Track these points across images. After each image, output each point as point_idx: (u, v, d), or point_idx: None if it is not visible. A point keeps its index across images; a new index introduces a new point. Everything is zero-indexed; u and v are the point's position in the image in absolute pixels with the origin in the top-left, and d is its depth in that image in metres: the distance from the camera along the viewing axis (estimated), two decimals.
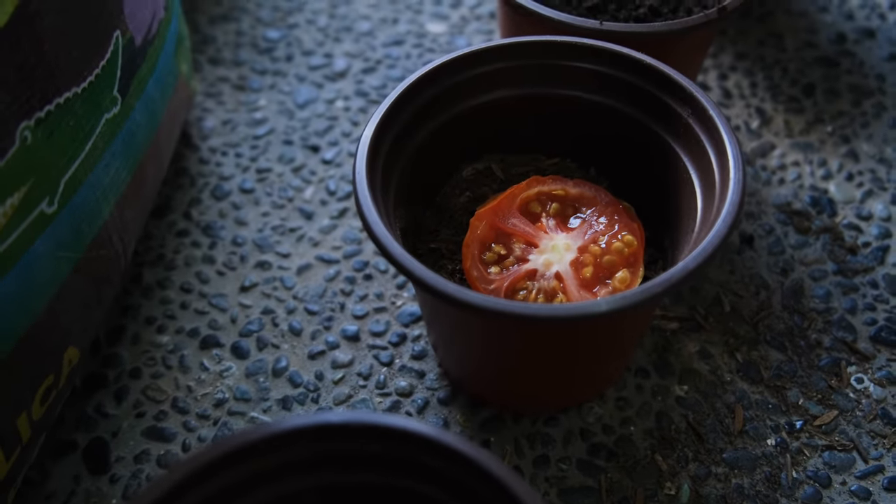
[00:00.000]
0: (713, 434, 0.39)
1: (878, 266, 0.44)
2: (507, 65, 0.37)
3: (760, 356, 0.41)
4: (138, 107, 0.39)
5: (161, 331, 0.43)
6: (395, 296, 0.44)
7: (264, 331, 0.42)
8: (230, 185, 0.48)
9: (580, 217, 0.37)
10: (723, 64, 0.54)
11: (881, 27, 0.55)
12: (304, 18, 0.57)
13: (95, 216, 0.36)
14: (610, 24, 0.39)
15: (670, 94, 0.36)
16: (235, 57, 0.55)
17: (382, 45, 0.55)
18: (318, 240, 0.46)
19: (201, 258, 0.45)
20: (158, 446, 0.39)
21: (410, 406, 0.40)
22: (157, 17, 0.41)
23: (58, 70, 0.31)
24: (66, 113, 0.32)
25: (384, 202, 0.34)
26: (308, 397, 0.40)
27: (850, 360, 0.41)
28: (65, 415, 0.39)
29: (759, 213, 0.46)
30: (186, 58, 0.47)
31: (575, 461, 0.38)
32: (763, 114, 0.51)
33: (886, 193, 0.47)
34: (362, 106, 0.52)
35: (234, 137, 0.51)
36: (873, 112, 0.51)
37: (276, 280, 0.44)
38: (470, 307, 0.29)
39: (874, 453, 0.38)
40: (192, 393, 0.40)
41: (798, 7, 0.57)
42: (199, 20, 0.57)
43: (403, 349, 0.42)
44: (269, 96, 0.53)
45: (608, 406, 0.39)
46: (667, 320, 0.42)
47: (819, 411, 0.39)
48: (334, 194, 0.48)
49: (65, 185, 0.33)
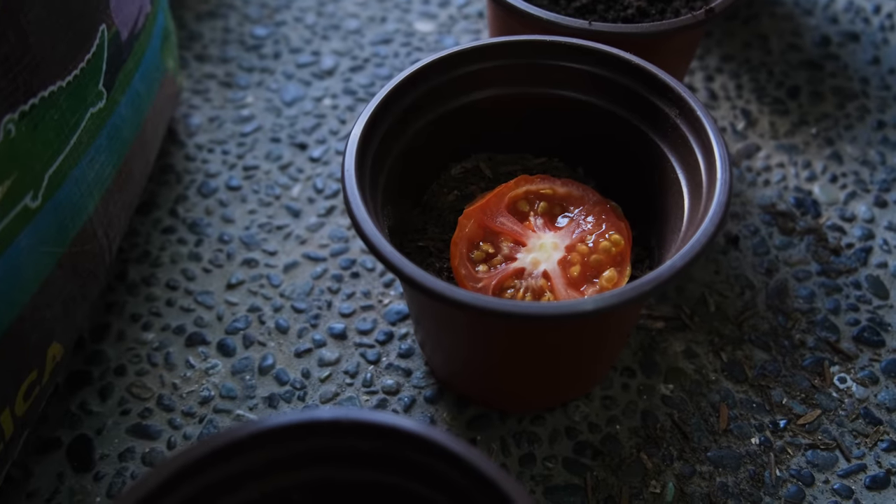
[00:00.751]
0: (698, 433, 0.39)
1: (861, 267, 0.45)
2: (495, 64, 0.37)
3: (745, 356, 0.41)
4: (124, 101, 0.39)
5: (146, 328, 0.42)
6: (382, 294, 0.43)
7: (251, 328, 0.42)
8: (217, 183, 0.48)
9: (568, 216, 0.38)
10: (709, 66, 0.54)
11: (865, 31, 0.56)
12: (291, 16, 0.57)
13: (80, 211, 0.35)
14: (598, 25, 0.39)
15: (658, 95, 0.36)
16: (223, 54, 0.55)
17: (370, 44, 0.55)
18: (305, 237, 0.46)
19: (187, 255, 0.45)
20: (143, 444, 0.38)
21: (397, 404, 0.40)
22: (144, 12, 0.41)
23: (42, 63, 0.31)
24: (51, 106, 0.32)
25: (373, 200, 0.34)
26: (294, 395, 0.40)
27: (833, 360, 0.41)
28: (49, 412, 0.39)
29: (744, 213, 0.47)
30: (173, 53, 0.47)
31: (561, 459, 0.38)
32: (748, 115, 0.51)
33: (869, 195, 0.48)
34: (350, 104, 0.52)
35: (221, 134, 0.50)
36: (857, 115, 0.51)
37: (263, 278, 0.44)
38: (457, 304, 0.29)
39: (856, 452, 0.38)
40: (177, 390, 0.40)
41: (783, 10, 0.57)
42: (186, 17, 0.56)
43: (390, 347, 0.42)
44: (257, 93, 0.52)
45: (594, 404, 0.40)
46: (652, 319, 0.42)
47: (802, 410, 0.40)
48: (321, 192, 0.48)
49: (49, 179, 0.33)
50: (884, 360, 0.41)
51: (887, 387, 0.40)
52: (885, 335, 0.42)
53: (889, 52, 0.55)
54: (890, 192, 0.48)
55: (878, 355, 0.41)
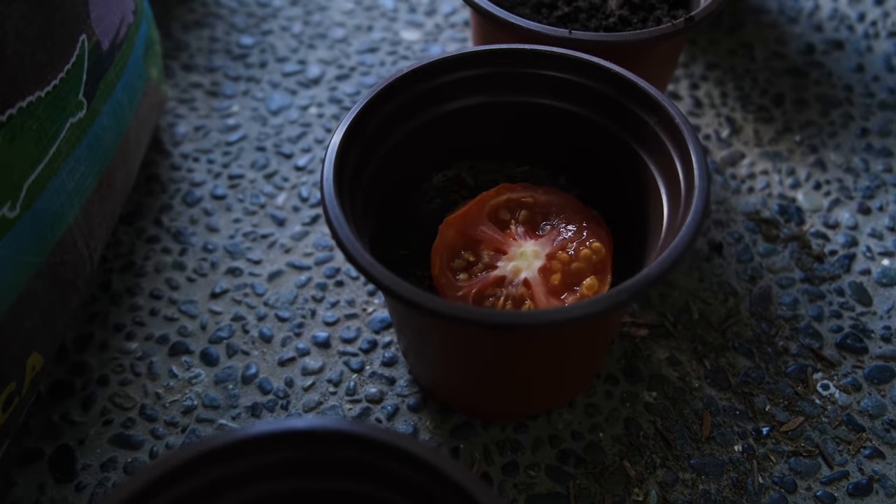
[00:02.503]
0: (681, 440, 0.39)
1: (844, 274, 0.45)
2: (476, 72, 0.37)
3: (728, 363, 0.41)
4: (105, 111, 0.39)
5: (130, 338, 0.42)
6: (366, 302, 0.43)
7: (234, 337, 0.42)
8: (202, 192, 0.48)
9: (549, 224, 0.38)
10: (694, 73, 0.54)
11: (849, 38, 0.56)
12: (278, 25, 0.57)
13: (59, 221, 0.35)
14: (579, 34, 0.39)
15: (636, 102, 0.36)
16: (209, 63, 0.55)
17: (357, 52, 0.55)
18: (289, 246, 0.46)
19: (171, 264, 0.45)
20: (125, 454, 0.38)
21: (380, 413, 0.40)
22: (126, 22, 0.41)
23: (20, 74, 0.31)
24: (29, 117, 0.32)
25: (353, 209, 0.34)
26: (278, 404, 0.40)
27: (816, 367, 0.41)
28: (30, 422, 0.39)
29: (729, 220, 0.47)
30: (157, 63, 0.47)
31: (544, 467, 0.38)
32: (733, 123, 0.52)
33: (853, 202, 0.48)
34: (336, 113, 0.52)
35: (207, 143, 0.50)
36: (841, 122, 0.52)
37: (247, 286, 0.44)
38: (434, 314, 0.29)
39: (839, 459, 0.38)
40: (160, 400, 0.40)
41: (768, 18, 0.58)
42: (172, 26, 0.57)
43: (374, 356, 0.42)
44: (243, 102, 0.53)
45: (577, 412, 0.40)
46: (636, 327, 0.42)
47: (785, 417, 0.40)
48: (307, 201, 0.48)
49: (27, 189, 0.33)
50: (867, 366, 0.41)
51: (870, 394, 0.40)
52: (868, 342, 0.42)
53: (873, 60, 0.55)
54: (873, 199, 0.48)
55: (860, 362, 0.41)
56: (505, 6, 0.43)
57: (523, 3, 0.45)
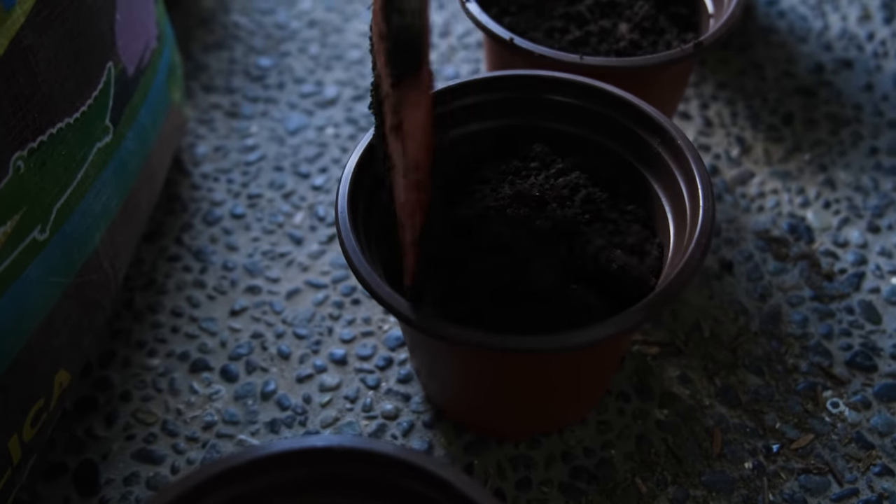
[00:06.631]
0: (692, 457, 0.39)
1: (853, 292, 0.45)
2: (487, 98, 0.38)
3: (738, 381, 0.42)
4: (130, 135, 0.40)
5: (152, 354, 0.43)
6: (382, 320, 0.44)
7: (253, 354, 0.43)
8: (221, 211, 0.49)
9: None
10: (704, 93, 0.55)
11: (858, 58, 0.57)
12: (295, 47, 0.58)
13: (86, 243, 0.37)
14: (590, 59, 0.40)
15: (640, 125, 0.37)
16: (228, 84, 0.56)
17: (372, 74, 0.56)
18: (307, 265, 0.47)
19: (192, 283, 0.46)
20: (148, 468, 0.39)
21: (396, 429, 0.41)
22: (150, 48, 0.42)
23: (51, 101, 0.32)
24: (59, 143, 0.33)
25: (366, 232, 0.35)
26: (295, 420, 0.41)
27: (826, 385, 0.42)
28: (55, 437, 0.40)
29: (739, 239, 0.47)
30: (179, 86, 0.48)
31: (557, 484, 0.38)
32: (743, 142, 0.52)
33: (862, 221, 0.48)
34: (352, 133, 0.53)
35: (226, 163, 0.52)
36: (850, 141, 0.52)
37: (266, 304, 0.45)
38: (444, 338, 0.30)
39: (849, 476, 0.39)
40: (181, 416, 0.41)
41: (778, 38, 0.58)
42: (192, 48, 0.58)
43: (390, 373, 0.42)
44: (261, 123, 0.54)
45: (589, 429, 0.40)
46: (647, 345, 0.43)
47: (795, 435, 0.40)
48: (323, 220, 0.49)
49: (56, 212, 0.34)
50: (876, 384, 0.42)
51: (880, 411, 0.41)
52: (878, 360, 0.42)
53: (882, 79, 0.56)
54: (883, 218, 0.48)
55: (870, 380, 0.42)
56: (517, 31, 0.44)
57: (535, 28, 0.46)
